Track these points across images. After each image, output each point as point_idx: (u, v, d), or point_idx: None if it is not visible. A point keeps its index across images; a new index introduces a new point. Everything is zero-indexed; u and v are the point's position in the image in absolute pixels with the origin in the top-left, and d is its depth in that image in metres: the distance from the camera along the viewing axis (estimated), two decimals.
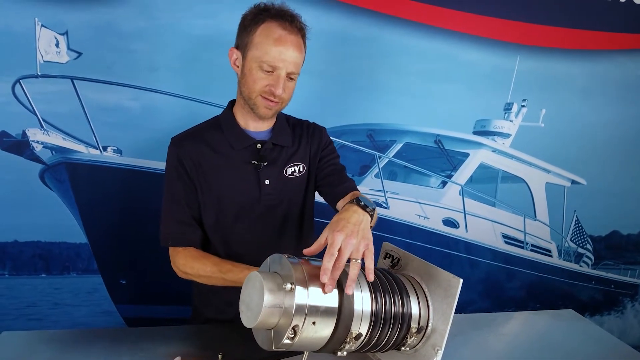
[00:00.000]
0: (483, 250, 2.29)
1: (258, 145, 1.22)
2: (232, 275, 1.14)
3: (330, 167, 1.31)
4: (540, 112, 2.22)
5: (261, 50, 1.10)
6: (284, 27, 1.10)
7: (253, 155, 1.21)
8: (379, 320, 0.89)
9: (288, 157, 1.25)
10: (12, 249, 1.70)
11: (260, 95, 1.14)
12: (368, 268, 0.86)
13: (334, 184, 1.28)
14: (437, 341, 0.94)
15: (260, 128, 1.24)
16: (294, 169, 1.26)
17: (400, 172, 2.10)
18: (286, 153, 1.25)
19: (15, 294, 1.75)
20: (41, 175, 1.67)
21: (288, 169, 1.25)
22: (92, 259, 1.80)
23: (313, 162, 1.30)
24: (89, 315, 1.84)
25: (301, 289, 0.80)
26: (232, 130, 1.22)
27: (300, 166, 1.27)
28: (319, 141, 1.32)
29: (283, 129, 1.27)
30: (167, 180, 1.22)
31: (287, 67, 1.11)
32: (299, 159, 1.27)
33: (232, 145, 1.20)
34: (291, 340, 0.80)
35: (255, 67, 1.11)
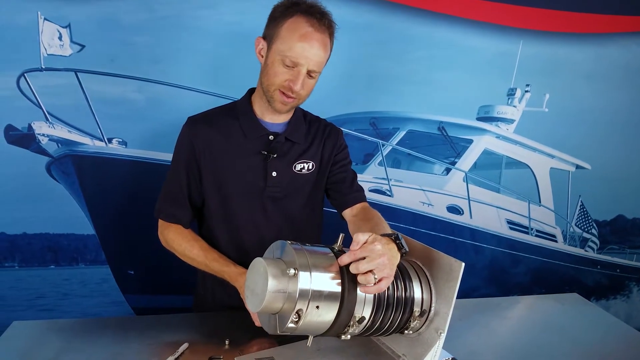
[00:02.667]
0: (488, 236, 2.28)
1: (270, 136, 1.21)
2: (216, 265, 1.17)
3: (342, 173, 1.31)
4: (544, 97, 2.20)
5: (286, 44, 1.09)
6: (311, 23, 1.09)
7: (264, 146, 1.21)
8: (382, 304, 0.89)
9: (299, 153, 1.25)
10: (22, 241, 1.72)
11: (278, 90, 1.13)
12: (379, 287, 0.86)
13: (344, 191, 1.30)
14: (440, 324, 0.94)
15: (276, 120, 1.23)
16: (303, 165, 1.26)
17: (404, 160, 2.10)
18: (298, 149, 1.25)
19: (25, 286, 1.77)
20: (47, 167, 1.69)
21: (297, 164, 1.25)
22: (100, 250, 1.82)
23: (325, 163, 1.30)
24: (98, 306, 1.86)
25: (304, 274, 0.81)
26: (247, 118, 1.22)
27: (310, 164, 1.26)
28: (334, 144, 1.31)
29: (299, 125, 1.27)
30: (175, 156, 1.23)
31: (309, 64, 1.10)
32: (310, 157, 1.27)
33: (245, 133, 1.21)
34: (295, 324, 0.81)
35: (277, 60, 1.10)
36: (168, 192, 1.24)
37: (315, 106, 1.38)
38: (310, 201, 1.30)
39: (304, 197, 1.28)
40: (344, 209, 1.31)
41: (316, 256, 0.85)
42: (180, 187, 1.22)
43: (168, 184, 1.24)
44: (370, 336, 0.98)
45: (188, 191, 1.22)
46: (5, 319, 1.77)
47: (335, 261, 0.86)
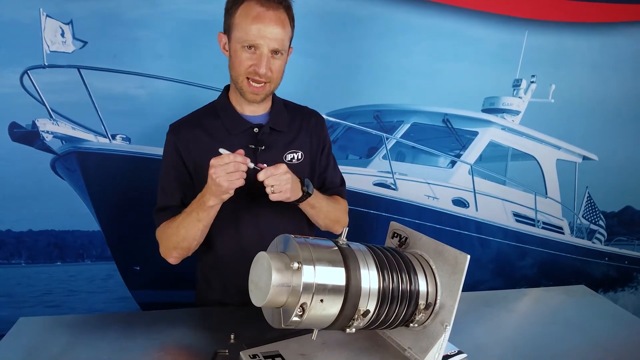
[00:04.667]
0: (494, 229, 2.27)
1: (255, 129, 1.21)
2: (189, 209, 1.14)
3: (325, 160, 1.34)
4: (550, 87, 2.18)
5: (242, 30, 1.09)
6: (261, 4, 1.09)
7: (250, 140, 1.20)
8: (386, 298, 0.89)
9: (287, 143, 1.25)
10: (28, 238, 1.73)
11: (245, 79, 1.13)
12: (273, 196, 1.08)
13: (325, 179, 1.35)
14: (445, 317, 0.94)
15: (256, 112, 1.23)
16: (293, 155, 1.25)
17: (409, 153, 2.09)
18: (285, 138, 1.24)
19: (32, 282, 1.78)
20: (52, 164, 1.69)
21: (287, 154, 1.24)
22: (105, 246, 1.82)
23: (315, 153, 1.30)
24: (104, 302, 1.87)
25: (308, 268, 0.80)
26: (228, 115, 1.21)
27: (299, 153, 1.26)
28: (321, 133, 1.32)
29: (280, 113, 1.26)
30: (164, 167, 1.23)
31: (269, 44, 1.10)
32: (298, 147, 1.26)
33: (228, 130, 1.20)
34: (300, 317, 0.80)
35: (239, 49, 1.11)
36: (160, 199, 1.23)
37: (316, 101, 1.38)
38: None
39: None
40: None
41: (320, 250, 0.85)
42: (168, 194, 1.22)
43: (159, 192, 1.23)
44: (376, 329, 0.97)
45: (180, 195, 1.21)
46: (14, 315, 1.76)
47: (340, 255, 0.86)
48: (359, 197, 2.02)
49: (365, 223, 2.06)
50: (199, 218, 1.12)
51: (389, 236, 1.12)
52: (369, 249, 0.93)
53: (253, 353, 1.01)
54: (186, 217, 1.14)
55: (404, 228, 1.09)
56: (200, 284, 1.35)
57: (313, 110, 1.35)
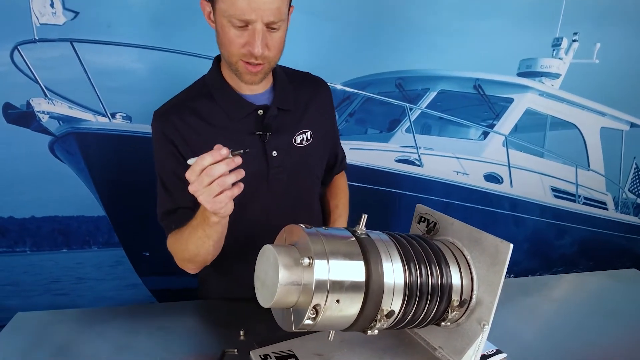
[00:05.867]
0: (530, 206, 2.17)
1: (259, 111, 1.08)
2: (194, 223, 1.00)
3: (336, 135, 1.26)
4: (594, 46, 2.04)
5: (227, 1, 0.93)
6: None
7: (256, 125, 1.08)
8: (413, 295, 0.79)
9: (296, 122, 1.13)
10: (31, 225, 1.70)
11: (240, 60, 0.99)
12: None
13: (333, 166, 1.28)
14: (483, 315, 0.84)
15: (257, 90, 1.10)
16: (302, 136, 1.13)
17: (435, 125, 1.97)
18: (292, 118, 1.13)
19: (38, 270, 1.76)
20: (50, 147, 1.64)
21: (297, 136, 1.13)
22: (112, 232, 1.78)
23: (325, 128, 1.19)
24: (114, 289, 1.85)
25: (321, 263, 0.71)
26: (225, 96, 1.08)
27: (307, 133, 1.14)
28: (330, 104, 1.21)
29: (285, 88, 1.13)
30: (157, 160, 1.10)
31: (263, 16, 0.93)
32: (306, 125, 1.14)
33: (229, 115, 1.07)
34: (313, 320, 0.72)
35: (226, 24, 0.95)
36: (159, 202, 1.12)
37: (329, 70, 1.26)
38: (315, 178, 1.21)
39: (310, 173, 1.18)
40: (326, 183, 1.29)
41: (334, 241, 0.75)
42: (166, 195, 1.09)
43: (158, 193, 1.11)
44: (402, 329, 0.88)
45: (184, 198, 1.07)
46: (22, 304, 1.78)
47: (358, 247, 0.76)
48: (379, 176, 1.93)
49: (387, 203, 1.97)
50: (207, 234, 0.99)
51: (415, 221, 1.02)
52: (392, 239, 0.83)
53: (264, 353, 0.93)
54: (193, 232, 1.01)
55: (432, 212, 0.98)
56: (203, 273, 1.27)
57: (317, 77, 1.23)
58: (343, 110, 1.85)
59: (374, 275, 0.75)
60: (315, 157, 1.18)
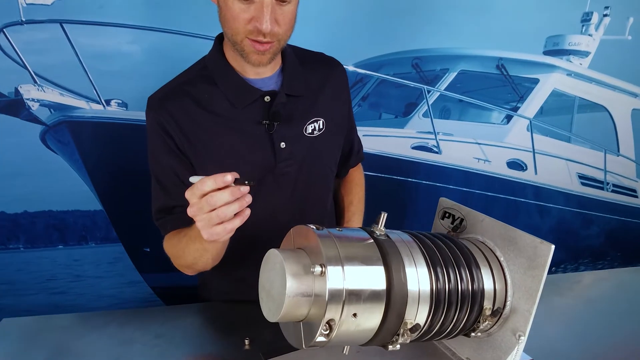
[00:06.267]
0: (555, 194, 2.08)
1: (266, 97, 0.99)
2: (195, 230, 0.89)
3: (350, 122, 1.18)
4: (627, 22, 1.93)
5: None
6: None
7: (262, 113, 0.98)
8: (441, 303, 0.71)
9: (307, 110, 1.04)
10: (24, 221, 1.64)
11: (246, 38, 0.89)
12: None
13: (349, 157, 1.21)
14: (518, 325, 0.75)
15: (264, 73, 1.00)
16: (314, 125, 1.04)
17: (455, 108, 1.88)
18: (303, 104, 1.03)
19: (33, 268, 1.71)
20: (42, 137, 1.56)
21: (308, 125, 1.03)
22: (110, 227, 1.71)
23: (339, 115, 1.10)
24: (114, 287, 1.79)
25: (335, 270, 0.62)
26: (228, 81, 0.98)
27: (320, 122, 1.05)
28: (345, 87, 1.12)
29: (295, 71, 1.04)
30: (150, 153, 1.02)
31: None
32: (319, 112, 1.05)
33: (232, 102, 0.98)
34: (326, 337, 0.63)
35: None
36: (153, 200, 1.04)
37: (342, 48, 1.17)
38: (329, 171, 1.13)
39: (322, 166, 1.10)
40: (340, 175, 1.23)
41: (350, 244, 0.66)
42: (159, 192, 1.02)
43: (161, 193, 1.03)
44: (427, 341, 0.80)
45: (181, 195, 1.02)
46: (17, 303, 1.73)
47: (377, 250, 0.67)
48: (394, 164, 1.84)
49: (402, 193, 1.88)
50: (205, 248, 0.91)
51: (438, 217, 0.93)
52: (415, 239, 0.74)
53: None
54: (190, 243, 0.93)
55: (458, 206, 0.89)
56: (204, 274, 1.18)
57: (331, 57, 1.13)
58: (355, 94, 1.75)
59: (396, 282, 0.66)
60: (329, 148, 1.09)
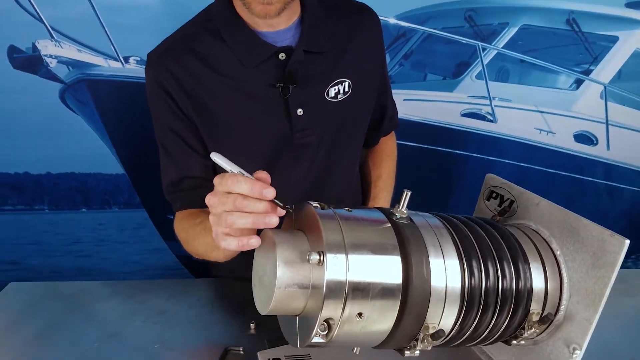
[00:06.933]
0: (630, 174, 1.86)
1: (281, 55, 0.87)
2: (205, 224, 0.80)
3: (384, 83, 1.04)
4: None
5: None
6: None
7: (276, 73, 0.87)
8: (475, 305, 0.59)
9: (329, 70, 0.91)
10: (47, 182, 1.65)
11: None
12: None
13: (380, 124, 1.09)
14: (574, 335, 0.63)
15: (278, 25, 0.87)
16: (338, 88, 0.92)
17: (515, 70, 1.69)
18: (325, 62, 0.91)
19: (59, 230, 1.73)
20: (61, 96, 1.54)
21: (331, 88, 0.91)
22: (133, 191, 1.69)
23: (369, 75, 0.98)
24: (138, 253, 1.79)
25: (335, 259, 0.52)
26: (236, 34, 0.87)
27: (346, 84, 0.92)
28: (377, 41, 0.99)
29: (316, 23, 0.91)
30: (154, 119, 0.94)
31: None
32: (346, 72, 0.92)
33: (241, 59, 0.87)
34: (324, 338, 0.53)
35: None
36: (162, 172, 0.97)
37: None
38: (355, 141, 1.01)
39: (347, 137, 0.98)
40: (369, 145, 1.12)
41: (359, 228, 0.56)
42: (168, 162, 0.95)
43: (169, 165, 0.96)
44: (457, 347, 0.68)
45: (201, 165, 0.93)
46: (45, 264, 1.77)
47: (393, 236, 0.56)
48: (440, 133, 1.69)
49: (447, 168, 1.74)
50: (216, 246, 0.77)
51: (483, 197, 0.80)
52: (446, 224, 0.62)
53: (275, 356, 0.78)
54: (202, 236, 0.84)
55: (509, 185, 0.75)
56: None
57: (363, 5, 0.99)
58: (396, 51, 1.60)
59: (415, 276, 0.55)
60: (355, 114, 0.97)
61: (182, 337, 0.87)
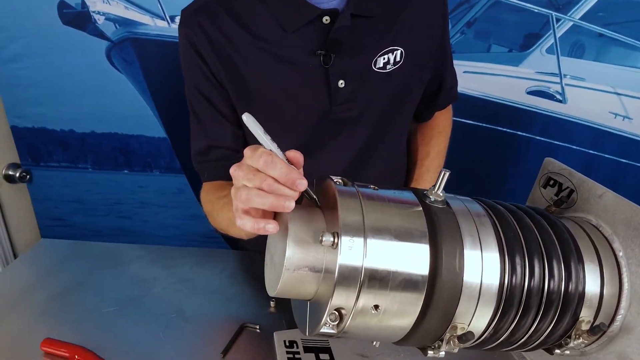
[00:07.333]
0: None
1: (325, 18, 0.81)
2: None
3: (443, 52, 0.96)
4: None
5: None
6: None
7: (318, 39, 0.81)
8: (514, 305, 0.53)
9: (379, 37, 0.84)
10: (92, 141, 1.68)
11: None
12: None
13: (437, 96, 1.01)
14: (630, 350, 0.55)
15: None
16: (387, 57, 0.84)
17: (591, 45, 1.52)
18: (376, 29, 0.84)
19: (101, 190, 1.77)
20: (108, 54, 1.55)
21: (380, 58, 0.84)
22: (173, 156, 1.70)
23: (423, 45, 0.89)
24: (177, 218, 1.81)
25: (351, 242, 0.47)
26: None
27: (397, 52, 0.85)
28: (435, 7, 0.91)
29: None
30: (186, 80, 0.92)
31: None
32: (396, 40, 0.85)
33: (280, 22, 0.82)
34: (334, 328, 0.49)
35: None
36: (204, 147, 0.94)
37: None
38: (403, 117, 0.94)
39: (395, 112, 0.91)
40: (421, 119, 1.05)
41: (383, 209, 0.50)
42: (199, 129, 0.92)
43: (199, 131, 0.93)
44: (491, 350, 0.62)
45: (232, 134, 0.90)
46: (87, 222, 1.82)
47: (423, 221, 0.50)
48: (501, 111, 1.56)
49: (506, 150, 1.61)
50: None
51: (539, 184, 0.71)
52: (489, 212, 0.55)
53: (291, 339, 0.75)
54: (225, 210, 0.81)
55: (569, 172, 0.67)
56: None
57: None
58: (458, 18, 1.47)
59: (445, 269, 0.49)
60: (405, 87, 0.90)
61: (200, 308, 0.87)
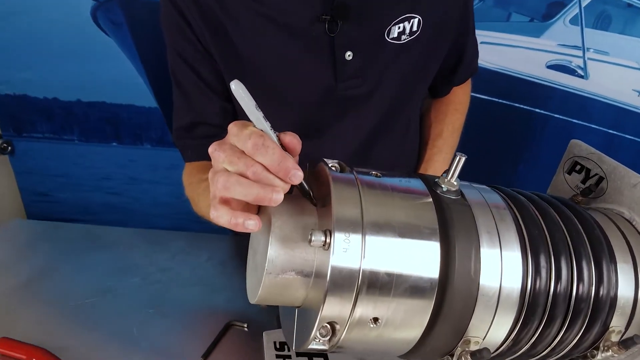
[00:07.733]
0: None
1: None
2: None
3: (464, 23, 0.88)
4: None
5: None
6: None
7: (323, 2, 0.72)
8: (537, 314, 0.46)
9: (393, 3, 0.76)
10: (78, 110, 1.60)
11: None
12: None
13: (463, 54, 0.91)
14: None
15: None
16: (402, 26, 0.76)
17: (619, 16, 1.44)
18: None
19: (88, 163, 1.70)
20: (93, 14, 1.45)
21: (394, 27, 0.75)
22: (166, 128, 1.62)
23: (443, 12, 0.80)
24: (170, 195, 1.74)
25: (347, 241, 0.40)
26: None
27: (414, 21, 0.76)
28: None
29: None
30: (168, 50, 0.85)
31: None
32: (412, 7, 0.76)
33: None
34: (325, 344, 0.43)
35: None
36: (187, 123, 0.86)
37: None
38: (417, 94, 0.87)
39: (407, 88, 0.83)
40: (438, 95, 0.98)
41: (386, 200, 0.43)
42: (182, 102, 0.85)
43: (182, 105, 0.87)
44: None
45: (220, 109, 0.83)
46: (74, 198, 1.76)
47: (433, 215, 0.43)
48: (519, 86, 1.48)
49: (522, 128, 1.54)
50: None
51: (563, 169, 0.64)
52: (510, 203, 0.48)
53: (282, 340, 0.69)
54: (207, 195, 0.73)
55: (599, 156, 0.60)
56: None
57: None
58: None
59: (458, 272, 0.43)
60: (422, 61, 0.82)
61: (180, 303, 0.80)
